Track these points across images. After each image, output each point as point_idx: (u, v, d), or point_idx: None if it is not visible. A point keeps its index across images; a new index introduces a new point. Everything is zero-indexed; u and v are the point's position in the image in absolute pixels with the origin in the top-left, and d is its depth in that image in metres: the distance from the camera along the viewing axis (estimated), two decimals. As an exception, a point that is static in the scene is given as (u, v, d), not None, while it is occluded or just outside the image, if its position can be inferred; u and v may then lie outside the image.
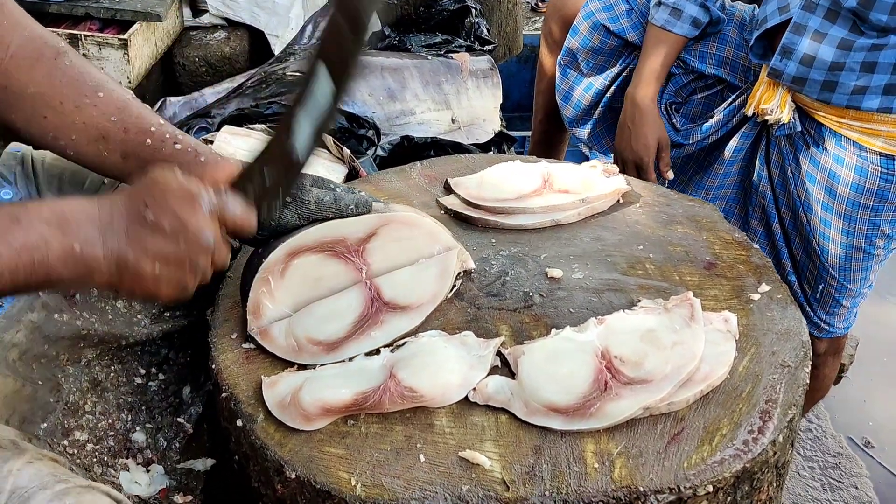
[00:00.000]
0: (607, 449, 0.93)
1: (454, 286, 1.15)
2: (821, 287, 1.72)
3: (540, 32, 3.52)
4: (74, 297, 1.11)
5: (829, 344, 1.81)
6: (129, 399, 1.15)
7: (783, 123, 1.65)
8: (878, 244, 1.65)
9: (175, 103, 2.20)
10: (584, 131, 2.07)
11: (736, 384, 1.01)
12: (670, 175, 1.85)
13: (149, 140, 1.05)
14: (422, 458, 0.92)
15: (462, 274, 1.17)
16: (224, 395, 1.01)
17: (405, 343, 1.05)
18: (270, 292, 1.07)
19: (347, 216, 1.09)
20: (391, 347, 1.05)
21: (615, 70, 1.96)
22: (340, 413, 0.97)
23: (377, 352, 1.04)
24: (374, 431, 0.96)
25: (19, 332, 1.05)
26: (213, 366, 1.05)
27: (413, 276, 1.11)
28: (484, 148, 2.09)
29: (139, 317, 1.17)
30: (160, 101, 2.20)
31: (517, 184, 1.33)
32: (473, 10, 2.50)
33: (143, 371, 1.17)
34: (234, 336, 1.09)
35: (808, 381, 1.04)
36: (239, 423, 0.98)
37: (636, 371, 0.99)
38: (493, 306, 1.13)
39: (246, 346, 1.07)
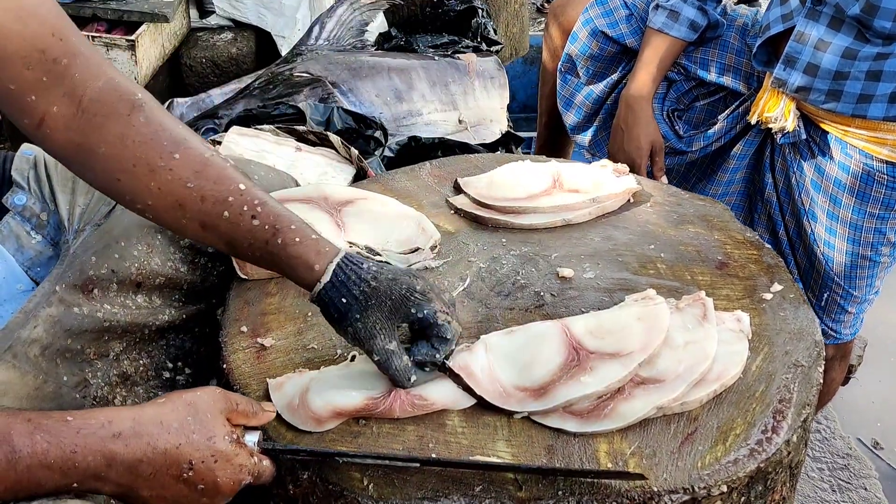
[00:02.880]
0: (620, 449, 0.93)
1: (419, 261, 1.19)
2: (826, 295, 1.70)
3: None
4: (92, 293, 1.11)
5: (835, 350, 1.80)
6: (160, 392, 1.16)
7: (788, 132, 1.63)
8: (883, 252, 1.63)
9: (182, 104, 2.20)
10: (585, 138, 2.06)
11: (749, 384, 1.01)
12: (664, 179, 1.84)
13: (226, 213, 0.95)
14: (434, 457, 0.92)
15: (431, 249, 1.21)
16: (235, 394, 1.01)
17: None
18: None
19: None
20: None
21: (615, 77, 1.94)
22: (350, 416, 0.97)
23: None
24: (385, 431, 0.95)
25: (37, 328, 1.05)
26: (224, 365, 1.05)
27: None
28: (491, 148, 2.08)
29: (161, 307, 1.17)
30: (168, 103, 2.20)
31: (527, 183, 1.33)
32: (480, 11, 2.49)
33: (170, 365, 1.18)
34: (243, 330, 1.09)
35: (821, 381, 1.04)
36: (250, 422, 0.98)
37: (641, 367, 0.99)
38: (505, 306, 1.13)
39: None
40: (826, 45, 1.51)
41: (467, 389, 0.97)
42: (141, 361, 1.15)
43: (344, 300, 0.95)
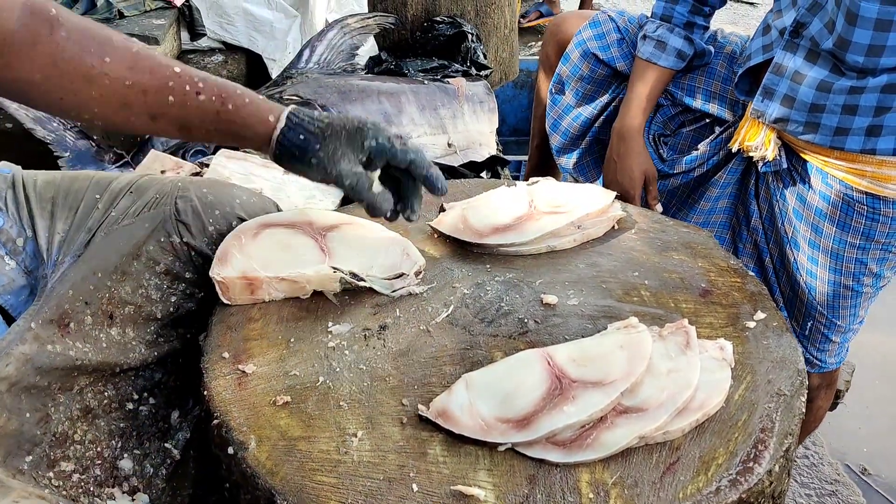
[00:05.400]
0: (602, 479, 0.92)
1: (403, 287, 1.20)
2: (809, 324, 1.70)
3: (535, 57, 3.54)
4: (68, 327, 1.09)
5: (821, 378, 1.79)
6: (121, 425, 1.14)
7: (769, 160, 1.64)
8: (865, 282, 1.62)
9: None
10: (570, 160, 2.06)
11: (731, 413, 1.01)
12: (659, 208, 1.85)
13: (171, 97, 1.01)
14: (415, 487, 0.91)
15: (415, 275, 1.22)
16: (215, 421, 1.00)
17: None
18: (241, 247, 1.18)
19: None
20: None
21: (604, 100, 1.95)
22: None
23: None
24: (366, 460, 0.95)
25: (9, 366, 1.03)
26: (205, 392, 1.04)
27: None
28: (477, 169, 2.09)
29: (134, 343, 1.16)
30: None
31: (512, 209, 1.33)
32: (470, 36, 2.51)
33: (136, 396, 1.16)
34: (225, 356, 1.08)
35: (804, 410, 1.03)
36: (230, 450, 0.97)
37: (624, 395, 0.99)
38: (488, 333, 1.13)
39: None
40: (802, 77, 1.52)
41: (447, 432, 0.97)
42: (106, 394, 1.13)
43: (302, 137, 1.04)
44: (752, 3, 5.82)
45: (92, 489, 1.07)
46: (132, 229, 1.16)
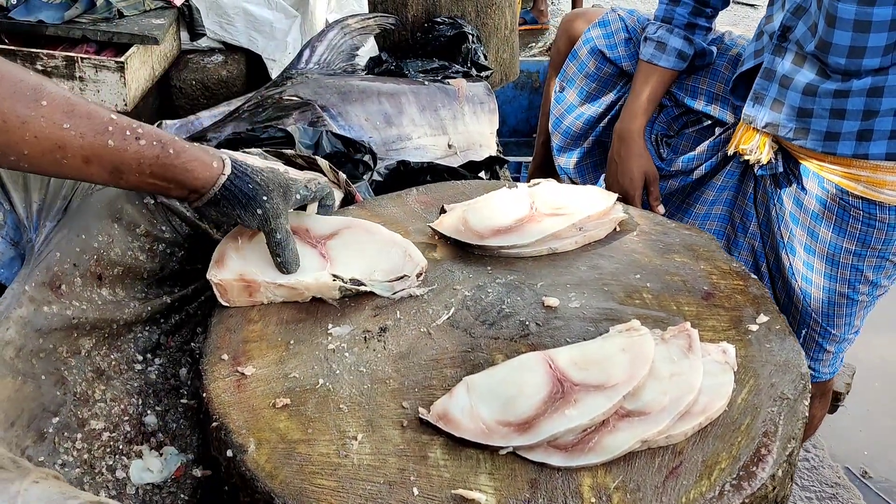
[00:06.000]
0: (604, 483, 0.91)
1: (404, 289, 1.19)
2: (804, 331, 1.68)
3: (535, 59, 3.54)
4: (60, 289, 1.11)
5: (815, 388, 1.77)
6: (135, 384, 1.16)
7: (763, 164, 1.63)
8: (861, 290, 1.60)
9: (171, 126, 2.20)
10: (570, 161, 2.05)
11: (734, 417, 1.00)
12: (661, 209, 1.84)
13: (110, 141, 1.00)
14: (415, 491, 0.91)
15: (418, 276, 1.21)
16: (214, 424, 1.00)
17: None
18: (237, 248, 1.18)
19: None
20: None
21: (609, 99, 1.95)
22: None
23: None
24: (366, 463, 0.94)
25: (9, 329, 1.05)
26: (204, 394, 1.04)
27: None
28: (476, 168, 2.08)
29: (126, 300, 1.18)
30: (156, 124, 2.19)
31: (513, 211, 1.33)
32: (470, 37, 2.50)
33: (140, 357, 1.19)
34: (224, 358, 1.08)
35: (807, 414, 1.03)
36: (229, 453, 0.96)
37: (626, 399, 0.98)
38: (490, 335, 1.12)
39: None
40: (790, 81, 1.51)
41: (448, 435, 0.96)
42: (112, 356, 1.16)
43: (250, 185, 1.09)
44: (752, 5, 5.82)
45: (121, 447, 1.09)
46: (107, 193, 1.18)
